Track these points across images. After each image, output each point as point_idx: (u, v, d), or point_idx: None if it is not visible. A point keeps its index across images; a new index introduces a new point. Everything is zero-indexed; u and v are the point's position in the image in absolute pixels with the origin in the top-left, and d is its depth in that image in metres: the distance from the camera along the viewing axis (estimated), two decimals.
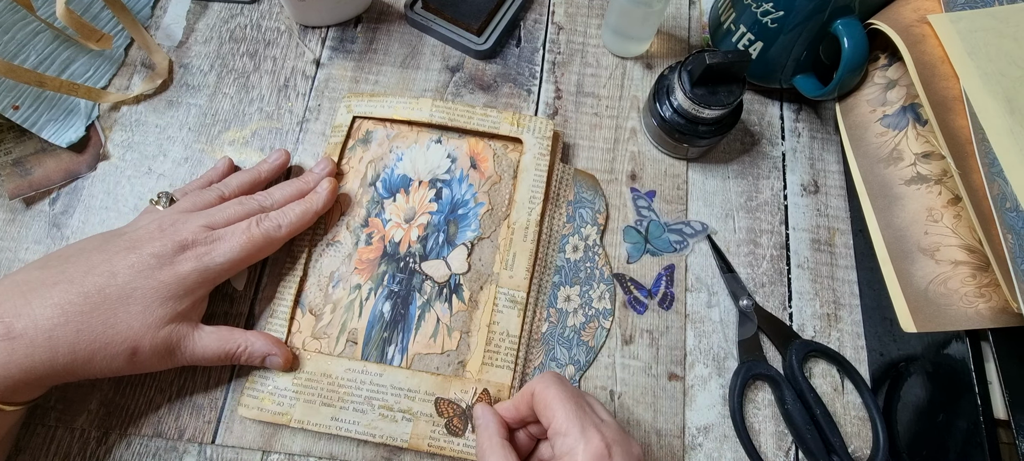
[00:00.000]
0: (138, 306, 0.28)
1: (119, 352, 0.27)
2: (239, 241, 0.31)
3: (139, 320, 0.27)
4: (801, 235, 0.38)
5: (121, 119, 0.40)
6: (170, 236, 0.30)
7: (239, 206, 0.33)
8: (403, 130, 0.39)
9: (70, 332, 0.26)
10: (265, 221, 0.32)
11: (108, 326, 0.27)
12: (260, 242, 0.32)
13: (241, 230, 0.31)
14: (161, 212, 0.33)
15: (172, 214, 0.32)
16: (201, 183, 0.36)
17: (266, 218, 0.32)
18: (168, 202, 0.34)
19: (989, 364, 0.29)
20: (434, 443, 0.31)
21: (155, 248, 0.29)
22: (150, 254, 0.29)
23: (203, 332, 0.30)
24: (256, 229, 0.32)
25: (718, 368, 0.35)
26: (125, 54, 0.42)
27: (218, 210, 0.32)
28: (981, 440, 0.28)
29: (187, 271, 0.29)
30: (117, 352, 0.27)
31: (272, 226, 0.32)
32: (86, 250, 0.29)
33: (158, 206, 0.34)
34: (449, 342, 0.34)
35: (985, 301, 0.29)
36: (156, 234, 0.30)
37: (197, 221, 0.31)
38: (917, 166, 0.33)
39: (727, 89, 0.34)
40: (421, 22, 0.43)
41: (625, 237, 0.38)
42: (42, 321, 0.25)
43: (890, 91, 0.36)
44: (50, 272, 0.28)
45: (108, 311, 0.27)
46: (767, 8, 0.35)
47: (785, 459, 0.33)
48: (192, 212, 0.32)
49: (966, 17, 0.32)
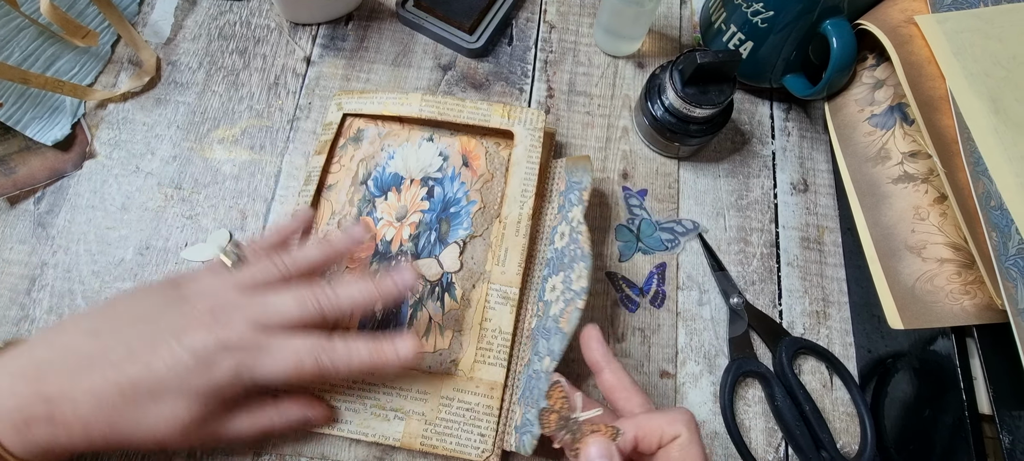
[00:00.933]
0: (168, 408, 0.26)
1: (147, 446, 0.27)
2: (287, 364, 0.27)
3: (167, 423, 0.26)
4: (791, 233, 0.39)
5: (108, 117, 0.39)
6: (217, 332, 0.26)
7: (298, 307, 0.28)
8: (394, 128, 0.39)
9: (103, 424, 0.25)
10: (323, 356, 0.28)
11: (138, 424, 0.26)
12: (310, 374, 0.28)
13: (292, 352, 0.27)
14: (222, 281, 0.29)
15: (229, 292, 0.28)
16: (276, 238, 0.32)
17: (325, 353, 0.28)
18: (236, 259, 0.30)
19: (974, 360, 0.30)
20: (426, 442, 0.31)
21: (197, 344, 0.26)
22: (191, 353, 0.26)
23: (234, 420, 0.29)
24: (309, 360, 0.27)
25: (709, 365, 0.35)
26: (112, 51, 0.42)
27: (276, 301, 0.28)
28: (966, 435, 0.28)
29: (224, 379, 0.26)
30: (145, 445, 0.27)
31: (328, 364, 0.28)
32: (136, 320, 0.27)
33: (227, 260, 0.30)
34: (441, 341, 0.34)
35: (970, 298, 0.30)
36: (206, 321, 0.27)
37: (250, 315, 0.27)
38: (904, 165, 0.34)
39: (718, 88, 0.35)
40: (413, 20, 0.43)
41: (617, 235, 0.38)
42: (81, 408, 0.25)
43: (878, 91, 0.36)
44: (98, 344, 0.26)
45: (140, 409, 0.26)
46: (757, 8, 0.36)
47: (775, 455, 0.33)
48: (251, 295, 0.28)
49: (952, 18, 0.33)
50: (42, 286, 0.35)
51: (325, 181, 0.38)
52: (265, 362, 0.27)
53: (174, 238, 0.37)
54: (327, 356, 0.28)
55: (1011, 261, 0.27)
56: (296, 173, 0.39)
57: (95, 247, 0.36)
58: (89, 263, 0.36)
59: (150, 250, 0.36)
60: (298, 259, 0.30)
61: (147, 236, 0.37)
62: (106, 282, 0.35)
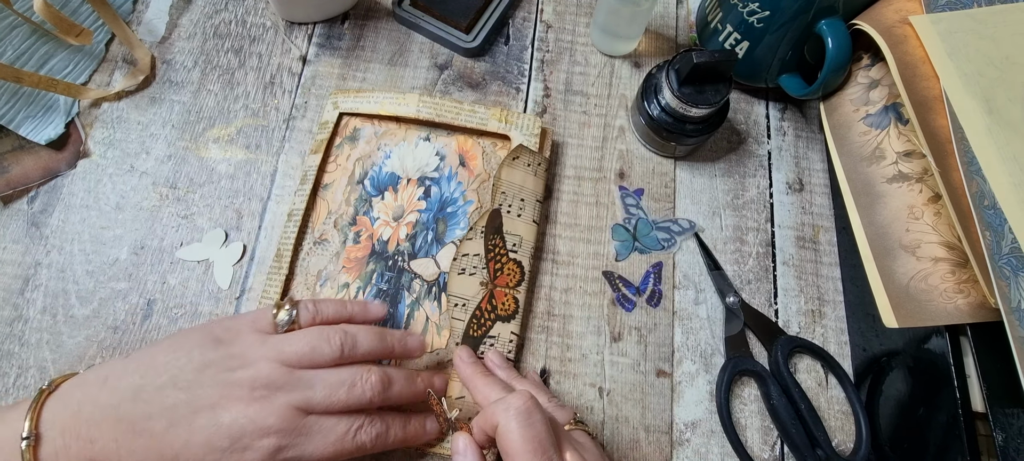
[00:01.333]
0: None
1: None
2: (329, 447, 0.26)
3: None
4: (786, 233, 0.39)
5: (102, 116, 0.39)
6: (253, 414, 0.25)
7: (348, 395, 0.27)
8: (391, 127, 0.39)
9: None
10: (362, 435, 0.27)
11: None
12: (350, 452, 0.27)
13: (333, 434, 0.26)
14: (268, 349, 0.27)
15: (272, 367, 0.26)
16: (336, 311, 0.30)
17: (363, 433, 0.27)
18: (288, 320, 0.28)
19: (967, 358, 0.30)
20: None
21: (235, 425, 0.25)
22: (227, 435, 0.25)
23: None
24: (348, 442, 0.27)
25: (705, 364, 0.35)
26: (106, 50, 0.41)
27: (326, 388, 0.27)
28: (960, 432, 0.28)
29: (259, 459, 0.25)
30: None
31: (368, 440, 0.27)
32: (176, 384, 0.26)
33: (278, 317, 0.28)
34: (438, 340, 0.34)
35: (964, 297, 0.30)
36: (246, 397, 0.25)
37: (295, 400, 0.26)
38: (899, 164, 0.34)
39: (714, 88, 0.35)
40: (409, 19, 0.42)
41: (613, 235, 0.38)
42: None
43: (873, 91, 0.36)
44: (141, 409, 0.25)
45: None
46: (753, 8, 0.36)
47: (771, 453, 0.34)
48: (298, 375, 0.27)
49: (946, 18, 0.33)
50: (36, 286, 0.35)
51: (321, 180, 0.38)
52: (302, 443, 0.26)
53: (169, 238, 0.36)
54: (366, 435, 0.27)
55: (1004, 260, 0.28)
56: (292, 172, 0.39)
57: (89, 247, 0.36)
58: (83, 263, 0.36)
59: (145, 250, 0.36)
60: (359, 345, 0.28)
61: (142, 236, 0.36)
62: (100, 282, 0.35)
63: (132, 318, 0.34)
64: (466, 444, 0.26)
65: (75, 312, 0.34)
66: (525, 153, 0.37)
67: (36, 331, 0.34)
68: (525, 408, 0.24)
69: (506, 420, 0.24)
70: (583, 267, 0.37)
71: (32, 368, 0.33)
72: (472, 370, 0.30)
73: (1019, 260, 0.28)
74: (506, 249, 0.35)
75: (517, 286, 0.35)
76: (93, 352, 0.34)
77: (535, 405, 0.25)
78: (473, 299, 0.34)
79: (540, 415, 0.25)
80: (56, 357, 0.33)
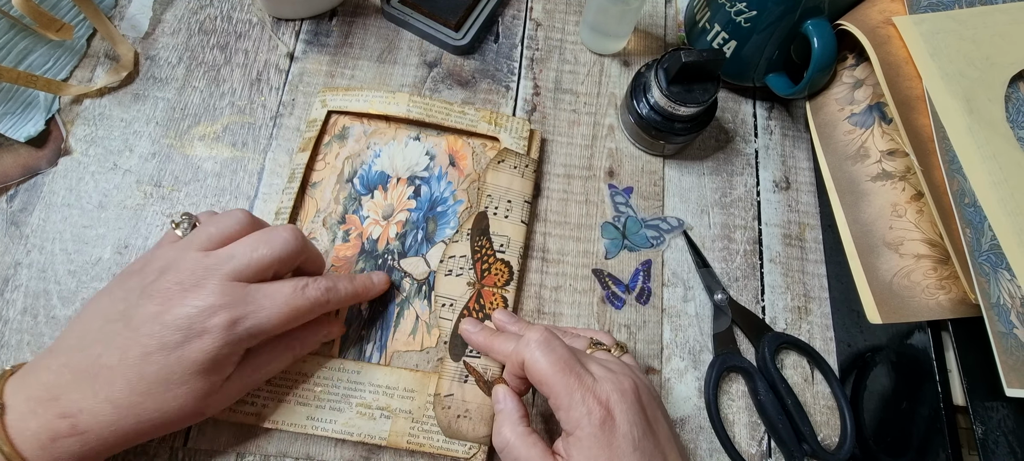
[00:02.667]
0: (183, 388, 0.26)
1: (186, 421, 0.27)
2: (280, 307, 0.27)
3: (190, 399, 0.26)
4: (773, 230, 0.39)
5: (84, 113, 0.38)
6: (193, 300, 0.25)
7: (268, 246, 0.27)
8: (380, 126, 0.39)
9: (131, 422, 0.25)
10: (310, 290, 0.28)
11: (164, 412, 0.26)
12: (306, 312, 0.28)
13: (285, 295, 0.27)
14: (180, 248, 0.27)
15: (191, 256, 0.27)
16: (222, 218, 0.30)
17: (310, 287, 0.28)
18: (189, 226, 0.29)
19: (949, 353, 0.30)
20: (413, 440, 0.31)
21: (179, 317, 0.25)
22: (175, 328, 0.25)
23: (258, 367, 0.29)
24: (299, 298, 0.27)
25: (694, 361, 0.36)
26: (87, 45, 0.40)
27: (244, 248, 0.27)
28: (941, 426, 0.29)
29: (221, 340, 0.25)
30: (184, 422, 0.27)
31: (319, 293, 0.28)
32: (112, 319, 0.26)
33: (178, 231, 0.29)
34: (428, 339, 0.34)
35: (945, 293, 0.31)
36: (179, 292, 0.26)
37: (222, 271, 0.26)
38: (883, 163, 0.34)
39: (702, 87, 0.35)
40: (398, 16, 0.42)
41: (603, 233, 0.38)
42: (101, 417, 0.25)
43: (857, 90, 0.37)
44: (89, 355, 0.25)
45: (157, 397, 0.25)
46: (740, 8, 0.36)
47: (759, 448, 0.34)
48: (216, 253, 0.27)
49: (929, 19, 0.33)
50: (16, 287, 0.34)
51: (309, 178, 0.37)
52: (256, 312, 0.26)
53: (154, 236, 0.36)
54: (315, 290, 0.28)
55: (984, 256, 0.28)
56: (279, 171, 0.38)
57: (71, 246, 0.35)
58: (65, 262, 0.35)
59: (129, 249, 0.35)
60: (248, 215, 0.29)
61: (126, 235, 0.36)
62: (83, 282, 0.34)
63: None
64: (504, 392, 0.28)
65: (57, 313, 0.34)
66: (511, 156, 0.37)
67: (16, 332, 0.33)
68: (544, 338, 0.26)
69: (530, 353, 0.26)
70: (573, 265, 0.37)
71: None
72: (484, 334, 0.31)
73: (998, 256, 0.28)
74: (493, 250, 0.35)
75: (506, 285, 0.35)
76: None
77: (552, 334, 0.27)
78: (460, 299, 0.34)
79: (559, 341, 0.27)
80: None
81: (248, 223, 0.29)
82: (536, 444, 0.26)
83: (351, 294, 0.30)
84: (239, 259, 0.27)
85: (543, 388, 0.26)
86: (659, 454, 0.25)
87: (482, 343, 0.31)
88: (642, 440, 0.25)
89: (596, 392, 0.25)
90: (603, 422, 0.24)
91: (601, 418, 0.24)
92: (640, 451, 0.24)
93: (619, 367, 0.27)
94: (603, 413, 0.24)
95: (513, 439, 0.26)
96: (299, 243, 0.28)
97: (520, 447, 0.26)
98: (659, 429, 0.26)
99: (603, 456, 0.24)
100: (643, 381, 0.28)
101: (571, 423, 0.25)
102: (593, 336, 0.31)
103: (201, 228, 0.28)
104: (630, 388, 0.26)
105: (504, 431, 0.27)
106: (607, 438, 0.24)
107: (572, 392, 0.25)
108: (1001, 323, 0.27)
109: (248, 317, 0.26)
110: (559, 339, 0.27)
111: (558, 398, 0.25)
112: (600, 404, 0.25)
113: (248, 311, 0.26)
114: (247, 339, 0.26)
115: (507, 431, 0.27)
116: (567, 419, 0.25)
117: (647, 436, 0.25)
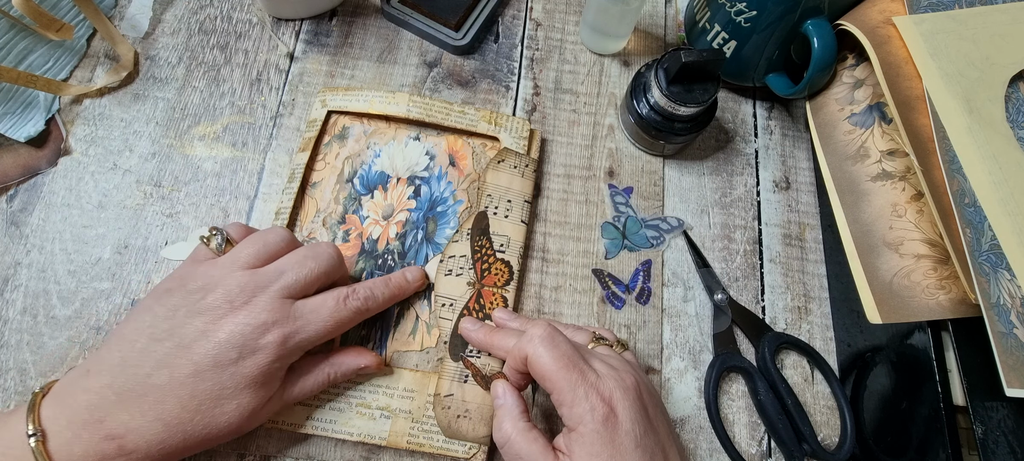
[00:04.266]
0: (232, 403, 0.26)
1: (229, 437, 0.27)
2: (326, 321, 0.28)
3: (237, 415, 0.26)
4: (773, 230, 0.39)
5: (83, 113, 0.38)
6: (244, 317, 0.26)
7: (315, 261, 0.28)
8: (380, 126, 0.39)
9: (178, 439, 0.25)
10: (352, 300, 0.29)
11: (211, 427, 0.26)
12: (348, 322, 0.29)
13: (325, 308, 0.28)
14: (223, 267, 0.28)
15: (240, 274, 0.27)
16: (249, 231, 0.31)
17: (352, 297, 0.29)
18: (221, 243, 0.29)
19: (949, 353, 0.30)
20: (413, 440, 0.31)
21: (234, 335, 0.26)
22: (231, 345, 0.26)
23: (296, 384, 0.29)
24: (343, 310, 0.28)
25: (694, 361, 0.36)
26: (87, 45, 0.40)
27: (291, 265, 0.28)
28: (941, 426, 0.29)
29: (273, 356, 0.26)
30: (227, 437, 0.27)
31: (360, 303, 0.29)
32: (158, 338, 0.26)
33: (210, 245, 0.29)
34: (428, 339, 0.34)
35: (945, 293, 0.31)
36: (229, 310, 0.26)
37: (271, 288, 0.27)
38: (883, 163, 0.34)
39: (702, 87, 0.35)
40: (398, 16, 0.42)
41: (603, 233, 0.38)
42: (150, 436, 0.25)
43: (857, 90, 0.37)
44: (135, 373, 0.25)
45: (207, 415, 0.26)
46: (740, 8, 0.36)
47: (758, 448, 0.34)
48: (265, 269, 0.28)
49: (928, 19, 0.33)
50: (16, 287, 0.34)
51: (309, 178, 0.37)
52: (305, 327, 0.27)
53: (154, 237, 0.36)
54: (355, 300, 0.29)
55: (984, 256, 0.28)
56: (279, 170, 0.38)
57: (71, 246, 0.35)
58: (65, 262, 0.35)
59: (129, 249, 0.35)
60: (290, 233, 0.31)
61: (125, 235, 0.36)
62: (82, 282, 0.34)
63: (116, 319, 0.34)
64: (504, 388, 0.28)
65: (57, 313, 0.34)
66: (510, 155, 0.37)
67: (16, 332, 0.33)
68: (547, 333, 0.26)
69: (533, 348, 0.26)
70: (573, 265, 0.37)
71: (12, 370, 0.32)
72: (485, 332, 0.31)
73: (998, 256, 0.28)
74: (493, 250, 0.35)
75: (506, 285, 0.35)
76: (75, 353, 0.33)
77: (555, 329, 0.27)
78: (460, 299, 0.34)
79: (562, 336, 0.27)
80: (37, 359, 0.33)
81: (290, 240, 0.30)
82: (537, 440, 0.26)
83: (388, 298, 0.31)
84: (288, 275, 0.28)
85: (546, 383, 0.26)
86: (660, 452, 0.25)
87: (482, 340, 0.31)
88: (644, 437, 0.25)
89: (599, 388, 0.25)
90: (606, 419, 0.24)
91: (604, 414, 0.24)
92: (642, 448, 0.24)
93: (621, 364, 0.27)
94: (606, 410, 0.24)
95: (514, 434, 0.26)
96: (340, 257, 0.30)
97: (521, 442, 0.26)
98: (660, 427, 0.26)
99: (605, 453, 0.24)
100: (644, 379, 0.28)
101: (573, 419, 0.25)
102: (596, 331, 0.31)
103: (244, 245, 0.29)
104: (632, 385, 0.26)
105: (505, 426, 0.27)
106: (610, 435, 0.24)
107: (575, 388, 0.25)
108: (1001, 323, 0.27)
109: (298, 332, 0.27)
110: (562, 335, 0.27)
111: (561, 394, 0.25)
112: (603, 400, 0.25)
113: (298, 327, 0.27)
114: (296, 352, 0.28)
115: (508, 426, 0.27)
116: (570, 415, 0.25)
117: (649, 434, 0.25)
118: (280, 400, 0.29)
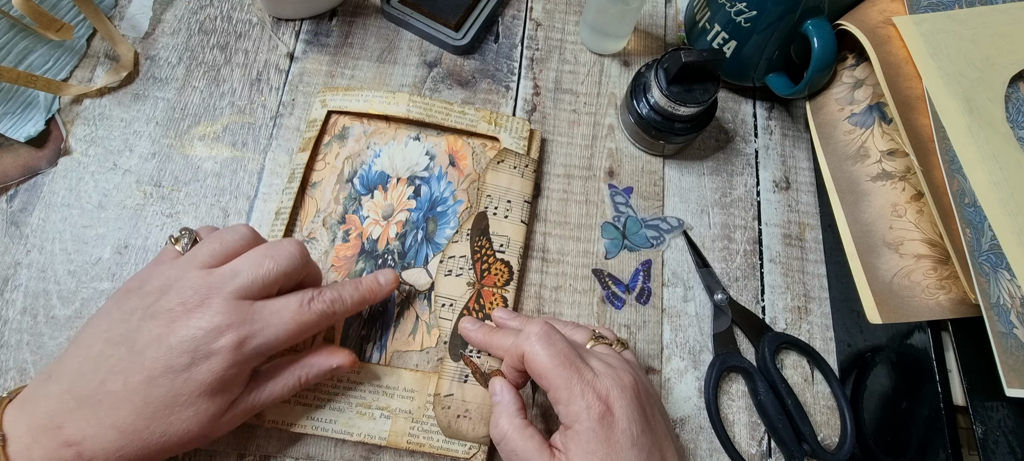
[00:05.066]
0: (189, 411, 0.25)
1: (192, 445, 0.26)
2: (287, 324, 0.26)
3: (195, 422, 0.25)
4: (773, 230, 0.39)
5: (83, 112, 0.38)
6: (197, 320, 0.25)
7: (274, 262, 0.27)
8: (380, 126, 0.39)
9: (136, 447, 0.25)
10: (317, 303, 0.27)
11: (169, 435, 0.25)
12: (312, 326, 0.27)
13: (292, 310, 0.27)
14: (181, 267, 0.27)
15: (193, 275, 0.26)
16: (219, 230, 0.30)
17: (317, 300, 0.27)
18: (189, 242, 0.28)
19: (949, 353, 0.30)
20: (413, 440, 0.31)
21: (186, 339, 0.25)
22: (183, 350, 0.24)
23: (263, 389, 0.28)
24: (306, 313, 0.27)
25: (694, 361, 0.36)
26: (87, 45, 0.40)
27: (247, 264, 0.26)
28: (941, 426, 0.29)
29: (229, 361, 0.25)
30: (190, 445, 0.26)
31: (325, 306, 0.28)
32: (115, 342, 0.25)
33: (177, 246, 0.28)
34: (429, 339, 0.34)
35: (945, 293, 0.31)
36: (183, 313, 0.25)
37: (226, 289, 0.25)
38: (883, 163, 0.34)
39: (702, 87, 0.35)
40: (398, 16, 0.42)
41: (603, 233, 0.38)
42: (107, 443, 0.24)
43: (857, 90, 0.37)
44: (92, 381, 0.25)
45: (162, 421, 0.25)
46: (740, 8, 0.36)
47: (759, 448, 0.34)
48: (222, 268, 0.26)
49: (928, 19, 0.33)
50: (16, 287, 0.34)
51: (309, 178, 0.37)
52: (263, 329, 0.26)
53: (154, 237, 0.36)
54: (320, 303, 0.28)
55: (984, 256, 0.28)
56: (279, 170, 0.38)
57: (71, 246, 0.35)
58: (65, 262, 0.35)
59: (129, 249, 0.35)
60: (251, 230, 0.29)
61: (126, 235, 0.36)
62: (82, 282, 0.34)
63: None
64: (501, 385, 0.28)
65: (56, 312, 0.34)
66: (510, 156, 0.37)
67: (16, 332, 0.33)
68: (544, 331, 0.26)
69: (530, 346, 0.26)
70: (573, 265, 0.37)
71: (12, 370, 0.32)
72: (484, 331, 0.31)
73: (998, 256, 0.28)
74: (493, 250, 0.35)
75: (505, 285, 0.35)
76: None
77: (552, 327, 0.27)
78: (460, 299, 0.34)
79: (559, 334, 0.27)
80: (37, 358, 0.33)
81: (251, 238, 0.28)
82: (533, 437, 0.26)
83: (358, 301, 0.30)
84: (244, 275, 0.26)
85: (542, 381, 0.26)
86: (656, 451, 0.25)
87: (481, 339, 0.31)
88: (640, 436, 0.25)
89: (596, 387, 0.25)
90: (602, 417, 0.24)
91: (600, 413, 0.24)
92: (638, 447, 0.24)
93: (619, 363, 0.27)
94: (602, 408, 0.24)
95: (510, 431, 0.26)
96: (304, 256, 0.28)
97: (517, 439, 0.26)
98: (657, 426, 0.26)
99: (601, 451, 0.24)
100: (642, 378, 0.28)
101: (570, 417, 0.25)
102: (596, 329, 0.31)
103: (202, 244, 0.28)
104: (630, 384, 0.26)
105: (502, 423, 0.27)
106: (606, 433, 0.24)
107: (571, 385, 0.25)
108: (1001, 323, 0.27)
109: (256, 335, 0.26)
110: (559, 333, 0.27)
111: (557, 391, 0.25)
112: (599, 399, 0.25)
113: (255, 329, 0.26)
114: (255, 358, 0.26)
115: (504, 423, 0.27)
116: (566, 413, 0.25)
117: (645, 432, 0.25)
118: (247, 405, 0.27)
